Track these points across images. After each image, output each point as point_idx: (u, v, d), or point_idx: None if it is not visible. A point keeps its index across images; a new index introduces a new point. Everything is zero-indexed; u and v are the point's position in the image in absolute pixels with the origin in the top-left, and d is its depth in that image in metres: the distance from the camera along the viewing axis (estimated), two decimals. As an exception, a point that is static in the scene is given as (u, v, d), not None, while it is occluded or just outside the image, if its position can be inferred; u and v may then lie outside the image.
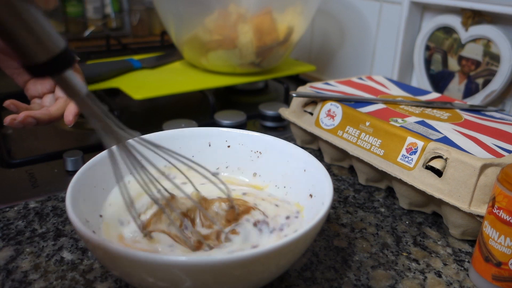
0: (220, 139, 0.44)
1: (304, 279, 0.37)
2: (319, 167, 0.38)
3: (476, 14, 0.64)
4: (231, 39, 0.69)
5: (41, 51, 0.23)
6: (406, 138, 0.45)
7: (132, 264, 0.27)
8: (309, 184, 0.38)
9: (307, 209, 0.38)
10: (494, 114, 0.54)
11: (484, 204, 0.40)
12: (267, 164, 0.43)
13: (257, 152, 0.43)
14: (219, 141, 0.44)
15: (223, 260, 0.26)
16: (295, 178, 0.40)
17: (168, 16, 0.75)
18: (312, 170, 0.39)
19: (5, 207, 0.44)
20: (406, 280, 0.37)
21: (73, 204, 0.31)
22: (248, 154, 0.44)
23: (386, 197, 0.50)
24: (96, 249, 0.28)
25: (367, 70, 0.87)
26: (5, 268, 0.36)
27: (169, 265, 0.26)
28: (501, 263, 0.34)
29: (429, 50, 0.72)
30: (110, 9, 1.19)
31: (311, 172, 0.39)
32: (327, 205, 0.32)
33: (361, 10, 0.85)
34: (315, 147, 0.60)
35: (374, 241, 0.42)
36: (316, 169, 0.38)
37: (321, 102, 0.55)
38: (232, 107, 0.67)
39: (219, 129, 0.44)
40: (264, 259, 0.27)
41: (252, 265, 0.28)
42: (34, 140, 0.61)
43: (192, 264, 0.26)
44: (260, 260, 0.27)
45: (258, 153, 0.43)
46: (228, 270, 0.27)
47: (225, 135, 0.44)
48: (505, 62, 0.61)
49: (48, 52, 0.23)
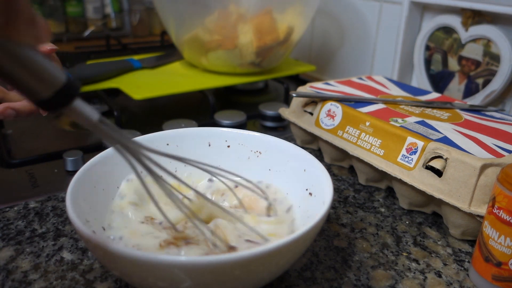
0: (220, 139, 0.44)
1: (304, 279, 0.37)
2: (319, 166, 0.38)
3: (476, 14, 0.64)
4: (231, 39, 0.69)
5: (44, 87, 0.24)
6: (406, 138, 0.45)
7: (132, 264, 0.27)
8: (309, 183, 0.38)
9: (306, 208, 0.38)
10: (494, 114, 0.54)
11: (484, 204, 0.40)
12: (267, 163, 0.43)
13: (257, 152, 0.43)
14: (219, 141, 0.44)
15: (223, 260, 0.26)
16: (295, 177, 0.40)
17: (168, 16, 0.75)
18: (311, 170, 0.39)
19: (5, 207, 0.44)
20: (406, 280, 0.37)
21: (73, 204, 0.31)
22: (247, 155, 0.44)
23: (386, 197, 0.50)
24: (96, 249, 0.28)
25: (367, 70, 0.87)
26: (5, 268, 0.36)
27: (169, 265, 0.26)
28: (501, 263, 0.34)
29: (429, 50, 0.72)
30: (110, 9, 1.19)
31: (311, 171, 0.39)
32: (328, 205, 0.32)
33: (361, 10, 0.85)
34: (315, 147, 0.60)
35: (374, 241, 0.42)
36: (316, 169, 0.38)
37: (321, 102, 0.55)
38: (232, 107, 0.67)
39: (219, 129, 0.44)
40: (264, 258, 0.27)
41: (252, 265, 0.28)
42: (34, 140, 0.61)
43: (192, 264, 0.26)
44: (260, 260, 0.27)
45: (258, 153, 0.43)
46: (228, 269, 0.27)
47: (225, 135, 0.44)
48: (505, 62, 0.61)
49: (50, 87, 0.24)
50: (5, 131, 0.62)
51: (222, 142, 0.44)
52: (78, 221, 0.29)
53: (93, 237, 0.28)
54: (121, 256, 0.27)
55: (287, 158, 0.41)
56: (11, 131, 0.62)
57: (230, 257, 0.26)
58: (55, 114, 0.25)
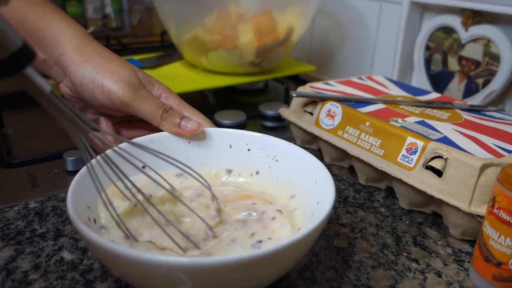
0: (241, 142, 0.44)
1: (304, 279, 0.37)
2: (328, 178, 0.36)
3: (476, 14, 0.64)
4: (231, 39, 0.69)
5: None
6: (406, 138, 0.45)
7: (133, 264, 0.27)
8: (319, 195, 0.37)
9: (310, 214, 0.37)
10: (494, 114, 0.54)
11: (484, 204, 0.40)
12: (283, 170, 0.42)
13: (274, 158, 0.43)
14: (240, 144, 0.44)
15: (225, 262, 0.26)
16: (306, 188, 0.39)
17: (168, 16, 0.75)
18: (322, 179, 0.37)
19: (5, 207, 0.44)
20: (406, 280, 0.37)
21: (74, 204, 0.31)
22: (266, 159, 0.43)
23: (386, 197, 0.50)
24: (97, 249, 0.28)
25: (367, 70, 0.87)
26: (5, 268, 0.36)
27: (170, 266, 0.26)
28: (501, 263, 0.34)
29: (429, 50, 0.72)
30: (110, 9, 1.19)
31: (322, 183, 0.37)
32: (329, 206, 0.32)
33: (361, 10, 0.85)
34: (315, 147, 0.60)
35: (374, 241, 0.42)
36: (325, 179, 0.37)
37: (321, 102, 0.55)
38: (232, 107, 0.67)
39: (241, 132, 0.44)
40: (266, 260, 0.27)
41: (253, 267, 0.27)
42: (34, 140, 0.61)
43: (193, 266, 0.26)
44: (261, 262, 0.27)
45: (274, 159, 0.43)
46: (229, 271, 0.27)
47: (246, 138, 0.44)
48: (505, 62, 0.61)
49: (5, 50, 0.23)
50: (5, 131, 0.62)
51: (243, 145, 0.44)
52: (79, 221, 0.29)
53: (94, 237, 0.28)
54: (122, 257, 0.27)
55: (303, 168, 0.41)
56: (11, 131, 0.63)
57: (232, 258, 0.26)
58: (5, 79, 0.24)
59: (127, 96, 0.42)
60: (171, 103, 0.45)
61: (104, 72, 0.42)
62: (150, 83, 0.46)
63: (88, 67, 0.42)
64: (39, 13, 0.44)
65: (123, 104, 0.42)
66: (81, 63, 0.43)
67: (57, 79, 0.45)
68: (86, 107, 0.47)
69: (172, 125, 0.42)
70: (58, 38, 0.43)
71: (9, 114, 0.66)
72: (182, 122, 0.42)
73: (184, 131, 0.42)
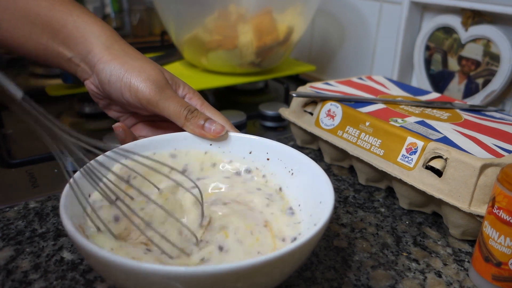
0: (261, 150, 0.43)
1: (304, 279, 0.37)
2: (331, 198, 0.34)
3: (476, 14, 0.64)
4: (231, 39, 0.69)
5: None
6: (406, 138, 0.45)
7: (127, 274, 0.26)
8: (320, 213, 0.35)
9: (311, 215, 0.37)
10: (494, 114, 0.54)
11: (484, 204, 0.40)
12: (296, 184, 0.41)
13: (291, 171, 0.41)
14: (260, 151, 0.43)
15: (222, 270, 0.25)
16: (309, 206, 0.38)
17: (168, 16, 0.75)
18: (326, 200, 0.35)
19: (5, 207, 0.44)
20: (406, 280, 0.37)
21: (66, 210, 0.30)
22: (283, 171, 0.42)
23: (386, 197, 0.50)
24: (89, 257, 0.27)
25: (367, 70, 0.87)
26: (5, 268, 0.36)
27: (167, 276, 0.25)
28: (501, 263, 0.34)
29: (429, 50, 0.72)
30: (110, 9, 1.19)
31: (325, 205, 0.35)
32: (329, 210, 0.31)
33: (361, 10, 0.85)
34: (315, 147, 0.60)
35: (374, 241, 0.42)
36: (327, 200, 0.35)
37: (321, 102, 0.55)
38: (232, 107, 0.67)
39: (261, 139, 0.43)
40: (267, 267, 0.26)
41: (255, 274, 0.27)
42: (34, 140, 0.61)
43: (191, 275, 0.25)
44: (263, 269, 0.26)
45: (291, 171, 0.41)
46: (229, 281, 0.26)
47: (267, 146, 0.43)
48: (505, 62, 0.61)
49: None
50: (5, 131, 0.62)
51: (263, 153, 0.43)
52: (74, 230, 0.28)
53: (85, 244, 0.26)
54: (114, 266, 0.25)
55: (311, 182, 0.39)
56: (11, 131, 0.63)
57: (232, 267, 0.25)
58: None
59: (154, 94, 0.42)
60: (194, 104, 0.45)
61: (132, 70, 0.42)
62: (176, 83, 0.45)
63: (116, 65, 0.42)
64: (66, 11, 0.43)
65: (149, 103, 0.42)
66: (109, 61, 0.42)
67: (83, 76, 0.45)
68: (111, 104, 0.47)
69: (196, 126, 0.42)
70: (86, 36, 0.43)
71: (9, 114, 0.66)
72: (206, 124, 0.42)
73: (207, 133, 0.42)
